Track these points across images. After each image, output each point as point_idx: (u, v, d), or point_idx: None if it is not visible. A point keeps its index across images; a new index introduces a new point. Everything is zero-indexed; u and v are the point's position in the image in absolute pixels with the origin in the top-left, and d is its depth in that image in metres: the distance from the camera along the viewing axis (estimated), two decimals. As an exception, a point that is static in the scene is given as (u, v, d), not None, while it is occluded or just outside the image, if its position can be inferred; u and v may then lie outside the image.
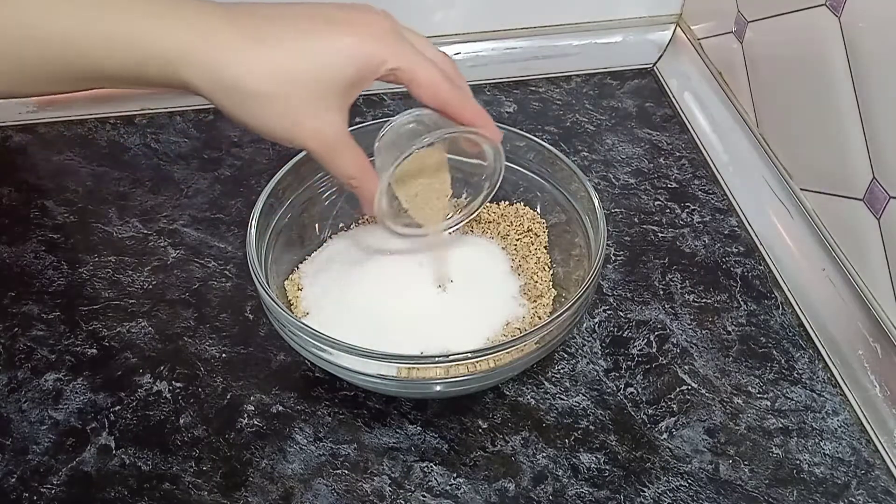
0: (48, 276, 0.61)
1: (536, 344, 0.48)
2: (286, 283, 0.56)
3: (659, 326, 0.58)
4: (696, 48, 0.79)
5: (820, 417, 0.53)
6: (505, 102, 0.77)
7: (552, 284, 0.57)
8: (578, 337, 0.57)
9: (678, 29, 0.82)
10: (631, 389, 0.54)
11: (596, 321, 0.58)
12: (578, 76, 0.80)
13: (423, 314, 0.52)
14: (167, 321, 0.58)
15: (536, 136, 0.59)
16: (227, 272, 0.62)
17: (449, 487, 0.49)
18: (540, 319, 0.54)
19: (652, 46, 0.82)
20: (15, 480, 0.50)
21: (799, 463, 0.50)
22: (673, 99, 0.78)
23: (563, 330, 0.49)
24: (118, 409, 0.53)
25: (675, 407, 0.53)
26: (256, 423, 0.52)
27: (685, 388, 0.54)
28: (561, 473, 0.50)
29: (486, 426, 0.52)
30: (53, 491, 0.49)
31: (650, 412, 0.53)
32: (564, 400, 0.54)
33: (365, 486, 0.49)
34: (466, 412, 0.53)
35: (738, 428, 0.52)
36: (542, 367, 0.55)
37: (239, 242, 0.64)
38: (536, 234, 0.60)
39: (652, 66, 0.82)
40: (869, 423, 0.52)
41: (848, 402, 0.54)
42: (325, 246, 0.60)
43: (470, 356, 0.46)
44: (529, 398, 0.54)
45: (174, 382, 0.55)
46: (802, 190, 0.63)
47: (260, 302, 0.52)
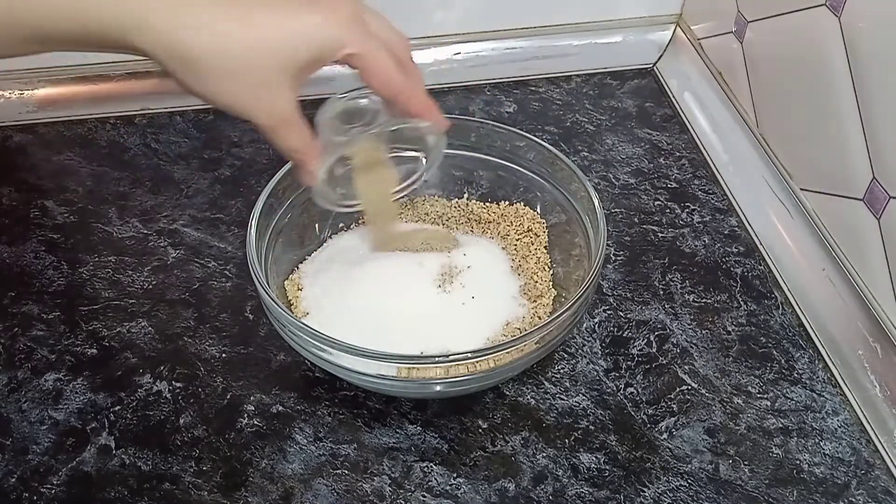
0: (48, 276, 0.61)
1: (536, 344, 0.48)
2: (286, 283, 0.56)
3: (659, 326, 0.58)
4: (696, 48, 0.79)
5: (820, 417, 0.53)
6: (505, 102, 0.77)
7: (552, 284, 0.57)
8: (578, 337, 0.57)
9: (678, 29, 0.82)
10: (631, 389, 0.54)
11: (596, 321, 0.58)
12: (578, 76, 0.80)
13: (423, 314, 0.52)
14: (167, 321, 0.58)
15: (536, 136, 0.59)
16: (227, 272, 0.62)
17: (449, 487, 0.49)
18: (540, 319, 0.54)
19: (652, 46, 0.82)
20: (15, 480, 0.50)
21: (799, 463, 0.50)
22: (673, 99, 0.78)
23: (563, 330, 0.49)
24: (118, 409, 0.53)
25: (675, 407, 0.53)
26: (256, 423, 0.52)
27: (685, 388, 0.54)
28: (561, 473, 0.50)
29: (486, 426, 0.52)
30: (53, 491, 0.49)
31: (650, 412, 0.53)
32: (564, 400, 0.54)
33: (365, 486, 0.49)
34: (466, 412, 0.53)
35: (738, 428, 0.52)
36: (542, 367, 0.55)
37: (239, 242, 0.64)
38: (536, 234, 0.60)
39: (652, 66, 0.82)
40: (869, 423, 0.52)
41: (848, 402, 0.54)
42: (325, 246, 0.60)
43: (470, 356, 0.46)
44: (529, 398, 0.54)
45: (174, 382, 0.55)
46: (802, 190, 0.63)
47: (260, 302, 0.52)
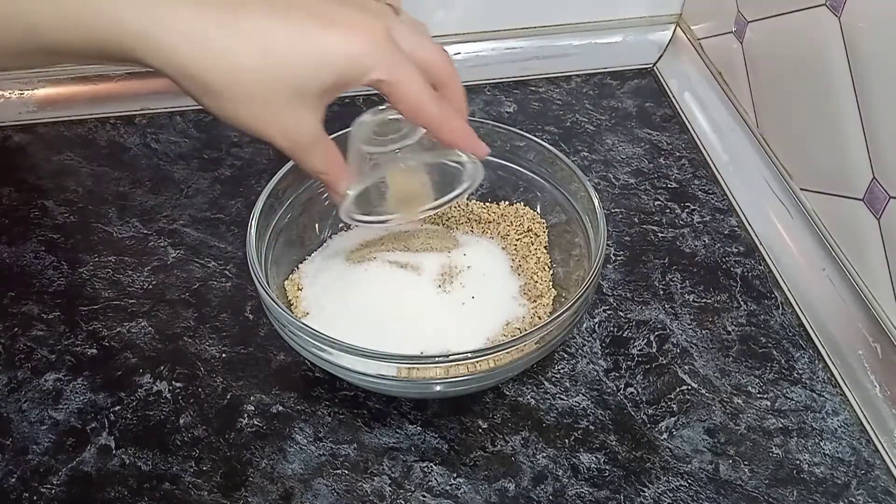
0: (48, 276, 0.61)
1: (536, 344, 0.48)
2: (286, 283, 0.56)
3: (659, 326, 0.58)
4: (696, 48, 0.79)
5: (820, 417, 0.53)
6: (505, 102, 0.77)
7: (552, 284, 0.57)
8: (578, 337, 0.57)
9: (678, 29, 0.82)
10: (631, 389, 0.54)
11: (596, 321, 0.58)
12: (578, 76, 0.80)
13: (423, 314, 0.52)
14: (167, 321, 0.58)
15: (536, 136, 0.59)
16: (227, 272, 0.62)
17: (449, 487, 0.49)
18: (540, 319, 0.54)
19: (652, 46, 0.82)
20: (15, 480, 0.50)
21: (799, 463, 0.50)
22: (673, 99, 0.78)
23: (563, 330, 0.49)
24: (118, 409, 0.53)
25: (675, 407, 0.53)
26: (256, 423, 0.52)
27: (685, 388, 0.54)
28: (561, 473, 0.50)
29: (486, 426, 0.52)
30: (53, 491, 0.49)
31: (650, 412, 0.53)
32: (564, 400, 0.54)
33: (365, 486, 0.49)
34: (466, 412, 0.53)
35: (738, 428, 0.52)
36: (542, 367, 0.55)
37: (239, 242, 0.64)
38: (536, 234, 0.60)
39: (652, 66, 0.82)
40: (869, 423, 0.52)
41: (848, 402, 0.54)
42: (325, 246, 0.60)
43: (470, 356, 0.46)
44: (529, 398, 0.54)
45: (174, 382, 0.55)
46: (802, 190, 0.63)
47: (260, 302, 0.52)
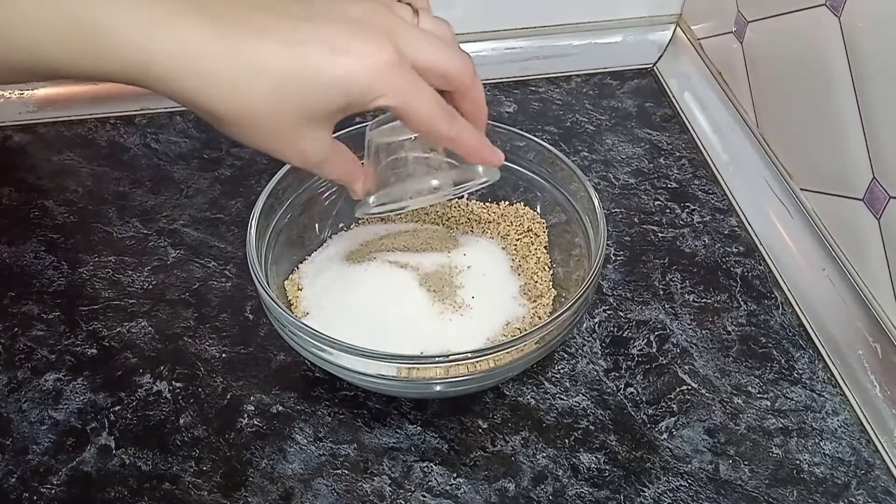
0: (48, 276, 0.61)
1: (536, 344, 0.48)
2: (286, 283, 0.56)
3: (659, 326, 0.58)
4: (696, 48, 0.79)
5: (820, 417, 0.53)
6: (505, 102, 0.77)
7: (552, 284, 0.57)
8: (578, 337, 0.57)
9: (678, 29, 0.82)
10: (631, 389, 0.54)
11: (596, 321, 0.58)
12: (578, 76, 0.80)
13: (422, 314, 0.52)
14: (167, 321, 0.58)
15: (536, 136, 0.59)
16: (227, 272, 0.62)
17: (449, 487, 0.49)
18: (540, 319, 0.54)
19: (652, 46, 0.82)
20: (15, 480, 0.50)
21: (799, 463, 0.50)
22: (673, 99, 0.78)
23: (563, 330, 0.49)
24: (118, 409, 0.53)
25: (675, 407, 0.53)
26: (256, 423, 0.52)
27: (685, 388, 0.54)
28: (561, 473, 0.50)
29: (486, 426, 0.52)
30: (53, 491, 0.49)
31: (650, 412, 0.53)
32: (564, 400, 0.54)
33: (365, 486, 0.49)
34: (466, 412, 0.53)
35: (738, 428, 0.52)
36: (542, 367, 0.55)
37: (239, 242, 0.64)
38: (536, 234, 0.60)
39: (652, 66, 0.82)
40: (869, 423, 0.52)
41: (848, 402, 0.54)
42: (325, 246, 0.60)
43: (470, 356, 0.46)
44: (529, 398, 0.54)
45: (174, 382, 0.55)
46: (802, 190, 0.63)
47: (260, 302, 0.52)
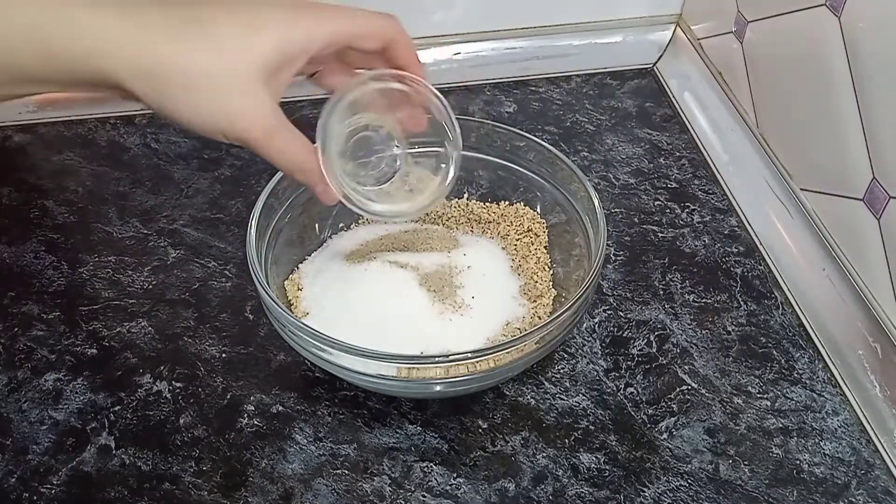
0: (48, 276, 0.61)
1: (536, 344, 0.48)
2: (286, 283, 0.56)
3: (659, 326, 0.58)
4: (696, 48, 0.79)
5: (820, 417, 0.53)
6: (505, 102, 0.77)
7: (552, 284, 0.57)
8: (578, 337, 0.57)
9: (678, 29, 0.82)
10: (631, 389, 0.54)
11: (596, 321, 0.58)
12: (578, 76, 0.80)
13: (422, 314, 0.52)
14: (167, 321, 0.58)
15: (536, 136, 0.59)
16: (227, 272, 0.62)
17: (449, 487, 0.49)
18: (540, 319, 0.54)
19: (652, 46, 0.82)
20: (15, 480, 0.50)
21: (799, 463, 0.50)
22: (673, 99, 0.78)
23: (563, 330, 0.49)
24: (118, 409, 0.53)
25: (675, 407, 0.53)
26: (256, 423, 0.52)
27: (685, 388, 0.54)
28: (561, 473, 0.50)
29: (486, 426, 0.52)
30: (53, 491, 0.49)
31: (650, 412, 0.53)
32: (564, 400, 0.54)
33: (365, 486, 0.49)
34: (466, 412, 0.53)
35: (738, 428, 0.52)
36: (542, 367, 0.55)
37: (239, 242, 0.64)
38: (536, 234, 0.60)
39: (652, 66, 0.82)
40: (869, 423, 0.52)
41: (848, 402, 0.54)
42: (325, 246, 0.60)
43: (470, 356, 0.46)
44: (529, 398, 0.54)
45: (174, 382, 0.55)
46: (802, 190, 0.63)
47: (260, 302, 0.52)
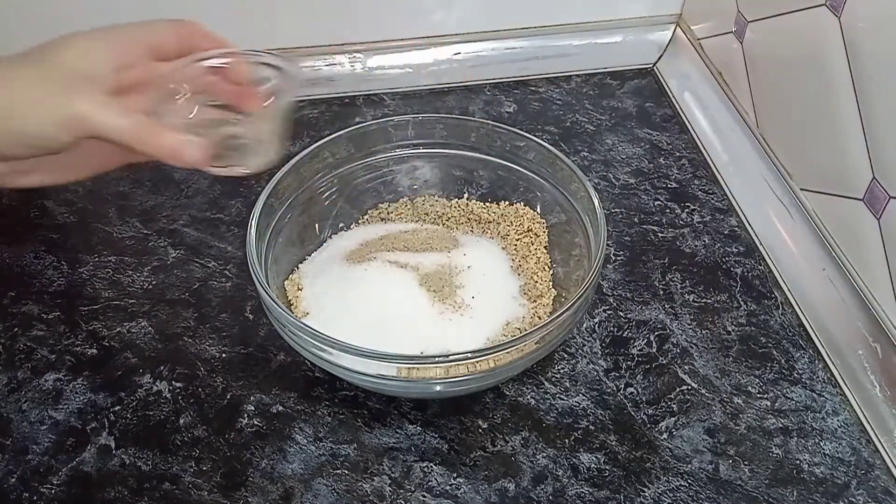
0: (48, 276, 0.61)
1: (536, 344, 0.48)
2: (286, 283, 0.56)
3: (659, 326, 0.58)
4: (696, 48, 0.79)
5: (820, 417, 0.53)
6: (505, 102, 0.77)
7: (552, 284, 0.57)
8: (578, 337, 0.57)
9: (678, 29, 0.82)
10: (631, 389, 0.54)
11: (596, 321, 0.58)
12: (578, 76, 0.80)
13: (422, 314, 0.52)
14: (167, 321, 0.58)
15: (536, 136, 0.59)
16: (227, 272, 0.62)
17: (449, 487, 0.49)
18: (540, 319, 0.54)
19: (652, 46, 0.82)
20: (15, 480, 0.50)
21: (799, 463, 0.50)
22: (673, 99, 0.78)
23: (563, 330, 0.49)
24: (118, 409, 0.53)
25: (675, 407, 0.53)
26: (256, 423, 0.52)
27: (685, 388, 0.54)
28: (561, 473, 0.50)
29: (486, 426, 0.52)
30: (53, 491, 0.49)
31: (650, 412, 0.53)
32: (564, 400, 0.54)
33: (365, 486, 0.49)
34: (466, 412, 0.53)
35: (738, 428, 0.52)
36: (542, 367, 0.55)
37: (239, 242, 0.64)
38: (536, 234, 0.60)
39: (652, 66, 0.82)
40: (869, 423, 0.52)
41: (848, 402, 0.54)
42: (325, 246, 0.60)
43: (470, 356, 0.46)
44: (529, 398, 0.54)
45: (174, 382, 0.55)
46: (802, 190, 0.63)
47: (260, 302, 0.52)
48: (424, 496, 0.49)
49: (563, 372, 0.55)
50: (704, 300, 0.60)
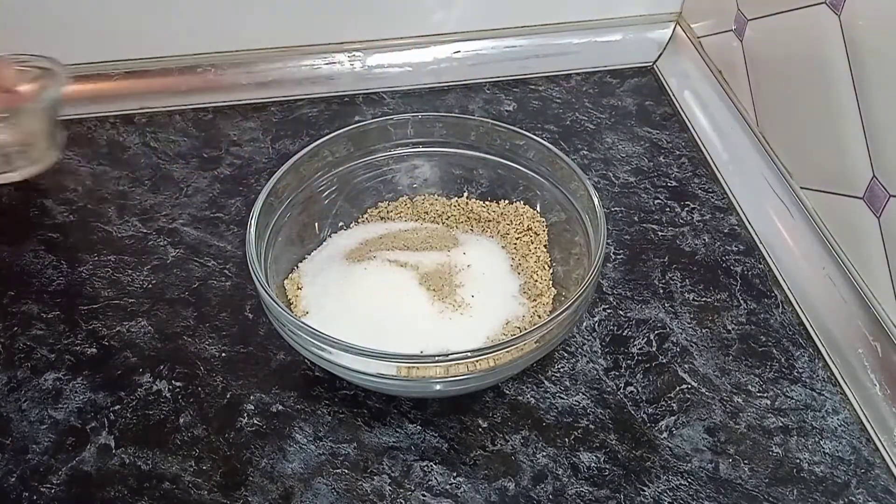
0: (48, 275, 0.61)
1: (536, 343, 0.48)
2: (286, 282, 0.56)
3: (659, 325, 0.58)
4: (695, 46, 0.79)
5: (820, 416, 0.53)
6: (505, 101, 0.77)
7: (552, 283, 0.57)
8: (578, 336, 0.57)
9: (678, 27, 0.82)
10: (631, 388, 0.54)
11: (596, 320, 0.58)
12: (578, 74, 0.80)
13: (422, 313, 0.52)
14: (167, 320, 0.58)
15: (536, 134, 0.59)
16: (226, 271, 0.62)
17: (449, 487, 0.49)
18: (540, 318, 0.54)
19: (652, 45, 0.82)
20: (15, 480, 0.50)
21: (799, 462, 0.50)
22: (673, 97, 0.77)
23: (562, 329, 0.49)
24: (118, 408, 0.53)
25: (675, 406, 0.53)
26: (256, 422, 0.52)
27: (685, 386, 0.54)
28: (561, 473, 0.50)
29: (485, 425, 0.52)
30: (53, 491, 0.49)
31: (650, 411, 0.53)
32: (564, 399, 0.54)
33: (365, 485, 0.49)
34: (466, 411, 0.53)
35: (738, 427, 0.52)
36: (541, 366, 0.55)
37: (238, 241, 0.64)
38: (536, 232, 0.60)
39: (652, 64, 0.81)
40: (869, 421, 0.52)
41: (848, 400, 0.54)
42: (324, 245, 0.60)
43: (470, 355, 0.46)
44: (529, 397, 0.54)
45: (174, 382, 0.55)
46: (802, 188, 0.63)
47: (260, 301, 0.52)
48: (424, 495, 0.49)
49: (562, 371, 0.55)
50: (704, 299, 0.60)
